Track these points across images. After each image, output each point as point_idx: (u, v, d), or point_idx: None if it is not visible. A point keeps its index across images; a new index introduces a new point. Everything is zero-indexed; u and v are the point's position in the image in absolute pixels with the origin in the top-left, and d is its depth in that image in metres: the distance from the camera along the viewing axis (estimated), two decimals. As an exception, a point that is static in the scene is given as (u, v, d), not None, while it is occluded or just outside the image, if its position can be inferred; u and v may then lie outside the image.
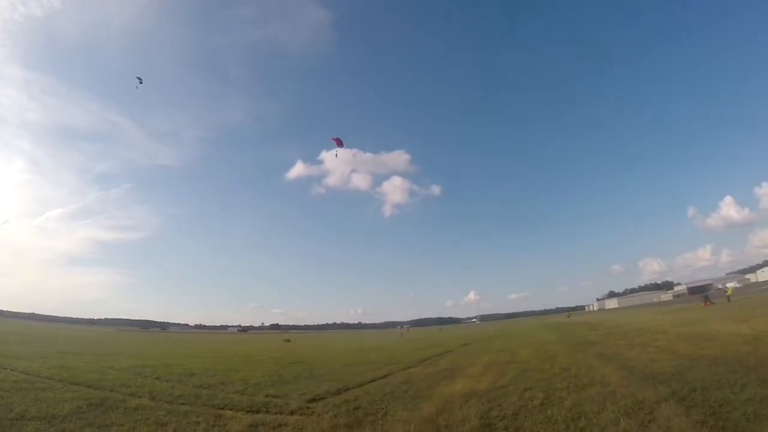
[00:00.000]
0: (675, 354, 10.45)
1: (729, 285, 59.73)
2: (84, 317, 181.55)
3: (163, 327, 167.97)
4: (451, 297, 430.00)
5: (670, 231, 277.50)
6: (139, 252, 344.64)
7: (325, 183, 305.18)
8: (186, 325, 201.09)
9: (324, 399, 8.52)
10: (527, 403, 6.99)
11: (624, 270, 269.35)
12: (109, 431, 5.97)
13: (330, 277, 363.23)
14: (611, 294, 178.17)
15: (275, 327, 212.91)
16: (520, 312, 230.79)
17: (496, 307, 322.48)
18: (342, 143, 29.72)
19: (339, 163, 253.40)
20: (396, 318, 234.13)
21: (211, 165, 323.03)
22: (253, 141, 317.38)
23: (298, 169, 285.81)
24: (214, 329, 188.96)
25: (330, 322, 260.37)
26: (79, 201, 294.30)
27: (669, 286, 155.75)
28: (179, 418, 6.73)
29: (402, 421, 6.54)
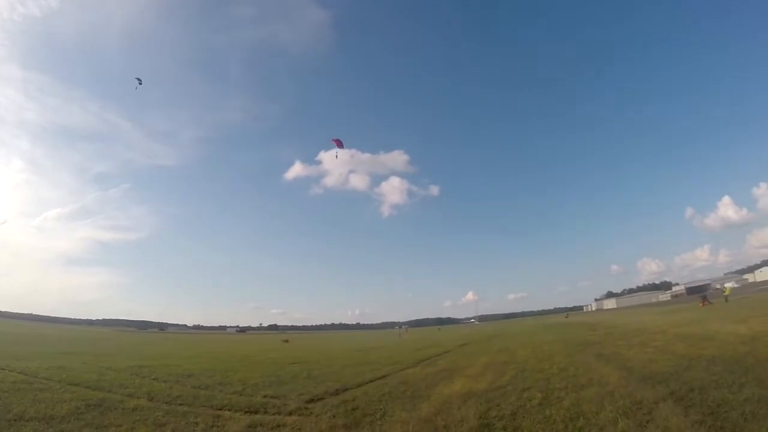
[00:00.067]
0: (673, 354, 10.48)
1: (727, 285, 59.98)
2: (82, 318, 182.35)
3: (162, 327, 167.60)
4: (450, 297, 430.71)
5: (668, 231, 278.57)
6: (138, 252, 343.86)
7: (324, 183, 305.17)
8: (184, 326, 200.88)
9: (322, 399, 8.51)
10: (526, 403, 7.00)
11: (622, 270, 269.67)
12: (107, 432, 5.95)
13: (328, 278, 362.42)
14: (609, 294, 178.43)
15: (274, 327, 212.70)
16: (518, 312, 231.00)
17: (494, 308, 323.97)
18: (342, 144, 29.76)
19: (337, 164, 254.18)
20: (394, 318, 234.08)
21: (210, 165, 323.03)
22: (252, 141, 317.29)
23: (296, 170, 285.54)
24: (212, 330, 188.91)
25: (328, 322, 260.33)
26: (78, 201, 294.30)
27: (667, 286, 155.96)
28: (177, 418, 6.73)
29: (400, 422, 6.54)
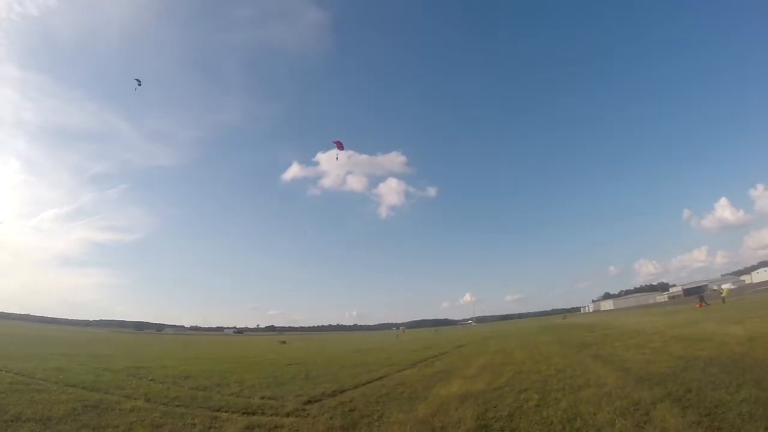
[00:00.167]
0: (670, 355, 10.50)
1: (724, 286, 60.18)
2: (79, 318, 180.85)
3: (159, 328, 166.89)
4: (447, 298, 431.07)
5: (665, 233, 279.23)
6: (135, 253, 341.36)
7: (321, 184, 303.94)
8: (182, 327, 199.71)
9: (320, 401, 8.50)
10: (523, 405, 7.00)
11: (619, 271, 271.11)
12: (104, 433, 5.93)
13: (326, 279, 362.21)
14: (607, 295, 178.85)
15: (271, 329, 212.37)
16: (515, 314, 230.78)
17: (492, 309, 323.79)
18: (343, 146, 29.86)
19: (335, 165, 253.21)
20: (392, 319, 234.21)
21: (208, 166, 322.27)
22: (250, 142, 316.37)
23: (293, 171, 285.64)
24: (209, 331, 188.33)
25: (326, 323, 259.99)
26: (75, 202, 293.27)
27: (664, 287, 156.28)
28: (175, 420, 6.71)
29: (398, 423, 6.53)
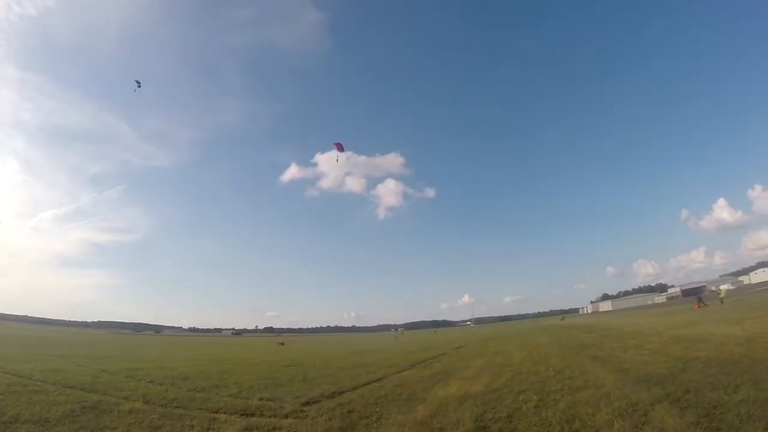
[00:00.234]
0: (669, 356, 10.51)
1: (722, 287, 60.37)
2: (77, 319, 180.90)
3: (157, 330, 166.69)
4: (446, 300, 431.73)
5: (663, 233, 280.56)
6: (133, 254, 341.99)
7: (319, 185, 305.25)
8: (180, 328, 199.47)
9: (318, 402, 8.47)
10: (521, 406, 7.00)
11: (618, 272, 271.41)
12: (102, 435, 5.91)
13: (324, 280, 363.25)
14: (605, 296, 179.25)
15: (269, 330, 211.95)
16: (514, 315, 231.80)
17: (490, 310, 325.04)
18: (343, 148, 29.96)
19: (333, 166, 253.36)
20: (390, 321, 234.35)
21: (206, 167, 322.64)
22: (248, 143, 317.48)
23: (292, 172, 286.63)
24: (208, 332, 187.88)
25: (324, 325, 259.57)
26: (73, 202, 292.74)
27: (663, 288, 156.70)
28: (173, 421, 6.68)
29: (396, 424, 6.52)
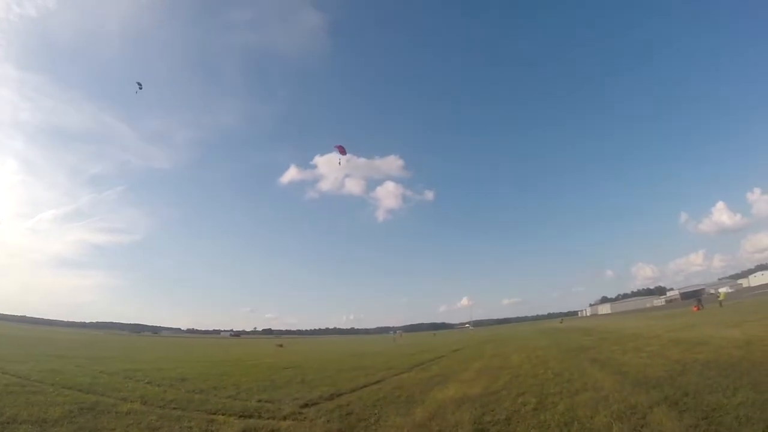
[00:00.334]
0: (667, 359, 10.52)
1: (721, 290, 60.58)
2: (76, 320, 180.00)
3: (155, 331, 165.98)
4: (445, 302, 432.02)
5: (662, 236, 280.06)
6: (132, 255, 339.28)
7: (319, 188, 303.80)
8: (178, 330, 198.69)
9: (316, 404, 8.46)
10: (520, 408, 7.00)
11: (617, 275, 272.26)
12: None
13: (323, 282, 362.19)
14: (604, 299, 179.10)
15: (268, 332, 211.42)
16: (513, 317, 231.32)
17: (489, 313, 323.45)
18: (345, 151, 29.89)
19: (333, 168, 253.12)
20: (389, 323, 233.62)
21: (205, 168, 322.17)
22: (247, 145, 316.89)
23: (291, 174, 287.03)
24: (206, 333, 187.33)
25: (323, 327, 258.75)
26: (72, 203, 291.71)
27: (662, 291, 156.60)
28: (171, 422, 6.67)
29: (395, 427, 6.52)
